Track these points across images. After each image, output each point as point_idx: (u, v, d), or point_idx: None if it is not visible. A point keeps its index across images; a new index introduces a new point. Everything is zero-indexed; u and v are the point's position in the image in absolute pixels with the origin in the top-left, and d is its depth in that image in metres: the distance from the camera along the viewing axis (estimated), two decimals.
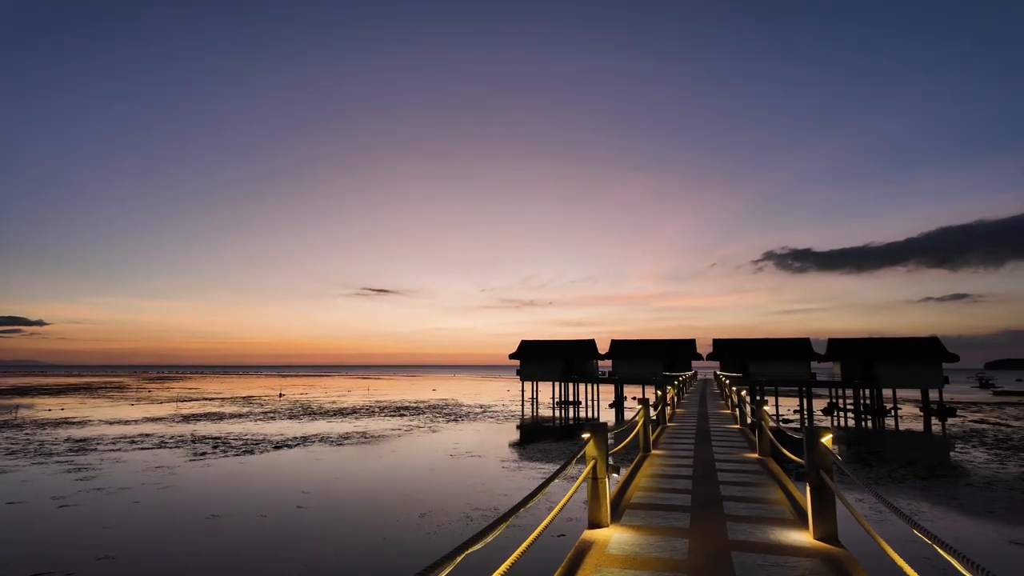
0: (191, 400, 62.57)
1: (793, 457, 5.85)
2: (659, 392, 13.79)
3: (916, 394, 61.72)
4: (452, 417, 42.35)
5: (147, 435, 31.53)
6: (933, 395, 47.64)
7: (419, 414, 44.69)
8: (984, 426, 38.03)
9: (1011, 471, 21.77)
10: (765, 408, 8.20)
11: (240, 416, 43.07)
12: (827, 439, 4.06)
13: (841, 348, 50.81)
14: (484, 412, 47.11)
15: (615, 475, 4.54)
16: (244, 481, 19.51)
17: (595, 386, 58.06)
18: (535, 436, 32.50)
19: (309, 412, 46.30)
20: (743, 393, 13.75)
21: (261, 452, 25.59)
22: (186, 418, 41.46)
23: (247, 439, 29.94)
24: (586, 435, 4.43)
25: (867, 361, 48.32)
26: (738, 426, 13.22)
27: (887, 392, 50.61)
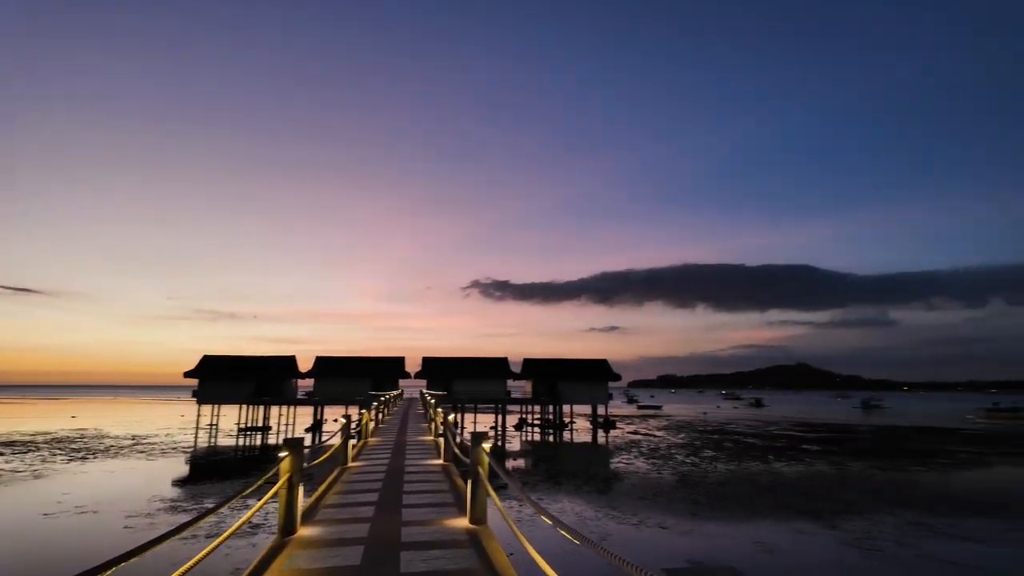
0: None
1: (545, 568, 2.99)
2: (346, 419, 10.43)
3: (587, 409, 70.68)
4: (81, 454, 31.73)
5: None
6: (601, 410, 54.43)
7: (29, 451, 32.51)
8: (638, 437, 44.13)
9: (666, 479, 24.26)
10: (484, 447, 5.47)
11: None
12: None
13: (533, 367, 54.75)
14: (136, 445, 36.92)
15: None
16: None
17: (292, 408, 51.66)
18: (198, 475, 25.68)
19: None
20: (451, 418, 11.27)
21: None
22: None
23: None
24: None
25: (553, 380, 52.86)
26: (441, 461, 10.61)
27: (568, 408, 56.28)
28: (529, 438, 43.07)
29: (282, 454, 5.12)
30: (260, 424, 48.84)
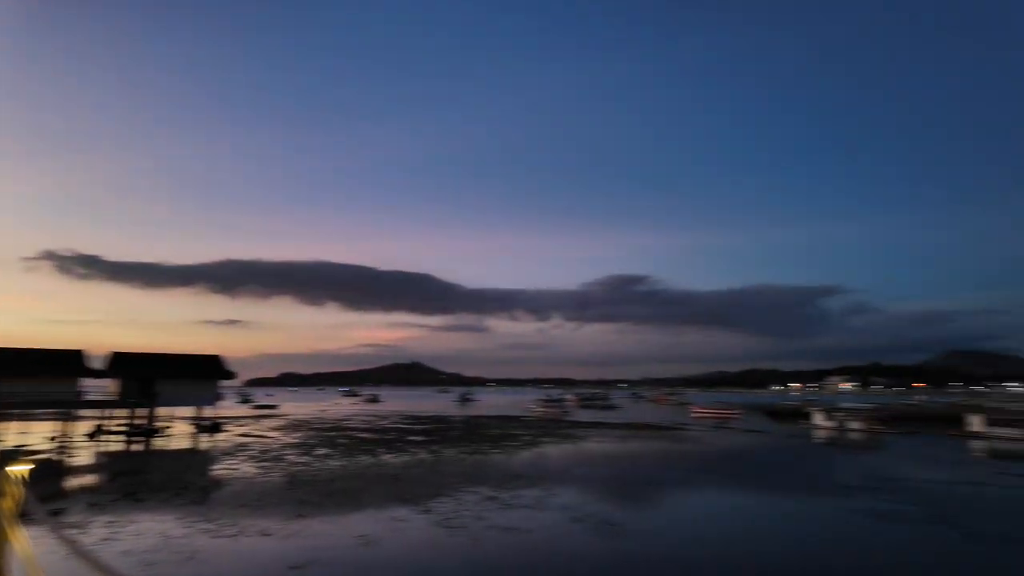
0: None
1: None
2: None
3: (191, 410, 62.43)
4: None
5: None
6: (209, 411, 48.99)
7: None
8: (249, 439, 41.21)
9: (275, 481, 23.23)
10: (16, 469, 4.05)
11: None
12: None
13: (124, 363, 45.88)
14: None
15: None
16: None
17: None
18: None
19: None
20: None
21: None
22: None
23: None
24: None
25: (150, 378, 45.28)
26: None
27: (168, 410, 48.67)
28: (108, 449, 35.58)
29: None
30: None
